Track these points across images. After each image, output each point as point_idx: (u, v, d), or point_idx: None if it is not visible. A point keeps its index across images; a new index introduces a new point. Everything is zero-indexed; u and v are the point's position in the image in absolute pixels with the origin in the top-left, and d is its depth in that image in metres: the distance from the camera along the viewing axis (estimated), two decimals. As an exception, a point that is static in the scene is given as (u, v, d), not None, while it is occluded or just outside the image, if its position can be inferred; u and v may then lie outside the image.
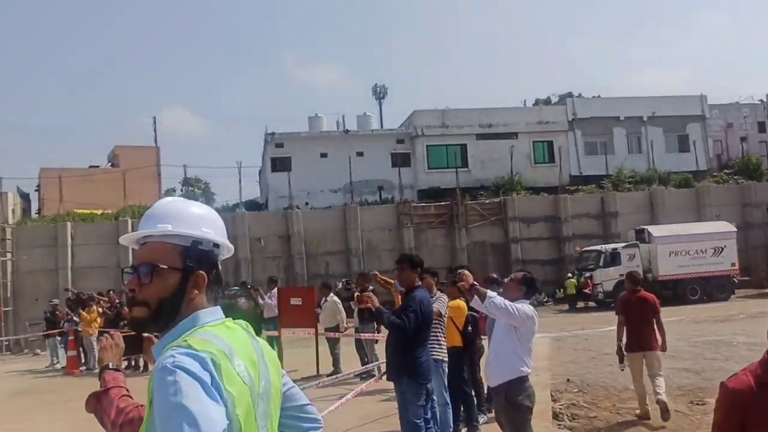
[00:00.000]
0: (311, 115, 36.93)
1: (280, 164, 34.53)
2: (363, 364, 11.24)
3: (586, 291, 28.27)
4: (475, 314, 7.52)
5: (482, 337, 8.77)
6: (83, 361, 16.15)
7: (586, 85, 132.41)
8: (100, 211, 36.92)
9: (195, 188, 60.37)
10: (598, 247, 29.18)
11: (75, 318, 15.88)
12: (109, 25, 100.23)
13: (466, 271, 5.45)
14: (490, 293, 4.92)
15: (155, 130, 66.53)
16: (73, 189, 47.98)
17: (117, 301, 15.50)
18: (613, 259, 27.92)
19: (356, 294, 5.50)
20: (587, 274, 28.21)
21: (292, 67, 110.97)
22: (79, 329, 15.54)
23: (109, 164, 62.80)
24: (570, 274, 29.71)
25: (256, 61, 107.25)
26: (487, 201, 33.11)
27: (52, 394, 12.48)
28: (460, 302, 7.42)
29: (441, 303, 6.77)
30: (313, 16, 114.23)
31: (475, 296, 4.81)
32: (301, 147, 35.02)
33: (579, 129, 38.23)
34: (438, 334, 6.83)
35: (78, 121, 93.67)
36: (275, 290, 13.22)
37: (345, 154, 34.32)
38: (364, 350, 11.68)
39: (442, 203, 32.59)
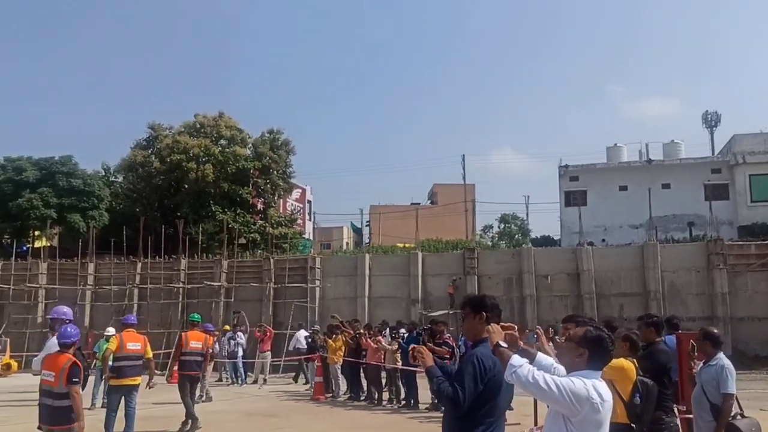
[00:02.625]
0: (609, 145, 34.43)
1: (574, 198, 32.74)
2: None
3: None
4: (646, 379, 5.66)
5: (671, 409, 6.56)
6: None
7: None
8: (402, 245, 39.04)
9: (512, 225, 60.57)
10: None
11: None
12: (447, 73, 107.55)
13: (492, 326, 3.79)
14: (515, 360, 3.40)
15: (464, 168, 69.04)
16: (397, 224, 51.94)
17: (359, 331, 15.77)
18: None
19: (412, 347, 4.24)
20: None
21: (621, 102, 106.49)
22: (326, 356, 16.20)
23: (429, 201, 66.80)
24: None
25: (587, 99, 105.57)
26: (828, 240, 27.11)
27: (276, 419, 13.07)
28: (624, 362, 5.65)
29: None
30: (641, 49, 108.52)
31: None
32: (597, 180, 32.81)
33: None
34: None
35: (416, 161, 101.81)
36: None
37: (648, 186, 31.17)
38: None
39: (766, 242, 27.51)
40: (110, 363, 10.80)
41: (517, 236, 55.15)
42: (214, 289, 30.52)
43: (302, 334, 22.72)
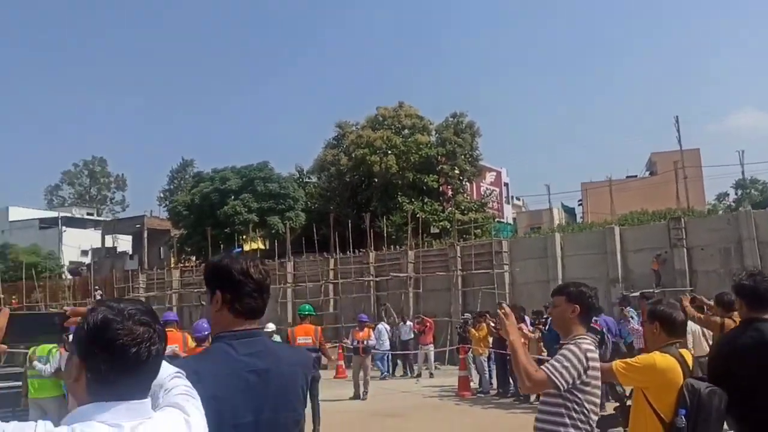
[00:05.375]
0: None
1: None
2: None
3: None
4: (697, 382, 3.45)
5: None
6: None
7: None
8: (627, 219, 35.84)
9: (751, 189, 53.75)
10: None
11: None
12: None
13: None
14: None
15: (678, 131, 62.09)
16: (612, 199, 48.09)
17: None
18: None
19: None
20: None
21: None
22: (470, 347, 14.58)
23: (647, 172, 61.17)
24: None
25: None
26: None
27: (395, 419, 11.77)
28: (658, 358, 3.53)
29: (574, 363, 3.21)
30: None
31: None
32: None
33: None
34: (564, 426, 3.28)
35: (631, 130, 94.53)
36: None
37: None
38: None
39: None
40: None
41: (759, 202, 48.84)
42: (402, 280, 30.25)
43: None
